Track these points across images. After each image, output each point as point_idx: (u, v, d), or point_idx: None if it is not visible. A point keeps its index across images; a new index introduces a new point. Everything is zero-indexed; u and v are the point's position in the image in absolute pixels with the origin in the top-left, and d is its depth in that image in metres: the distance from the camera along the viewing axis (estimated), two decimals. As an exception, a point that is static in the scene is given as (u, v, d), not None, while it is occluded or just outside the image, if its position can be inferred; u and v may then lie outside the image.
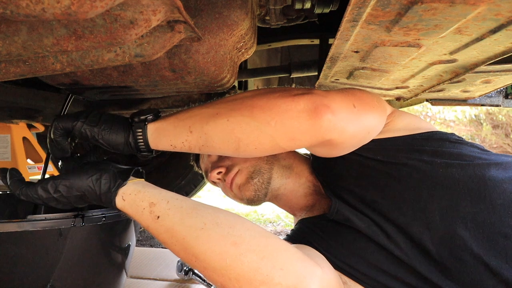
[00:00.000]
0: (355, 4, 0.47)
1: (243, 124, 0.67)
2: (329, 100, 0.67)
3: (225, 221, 0.62)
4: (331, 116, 0.65)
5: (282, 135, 0.67)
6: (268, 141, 0.68)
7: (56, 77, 0.71)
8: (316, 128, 0.66)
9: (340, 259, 0.73)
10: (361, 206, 0.75)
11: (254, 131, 0.67)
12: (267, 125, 0.66)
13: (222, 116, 0.68)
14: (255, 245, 0.58)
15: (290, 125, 0.66)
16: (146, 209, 0.65)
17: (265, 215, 3.08)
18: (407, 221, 0.70)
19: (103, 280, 0.82)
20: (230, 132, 0.68)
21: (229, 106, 0.69)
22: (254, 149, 0.69)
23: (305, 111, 0.65)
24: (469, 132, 6.09)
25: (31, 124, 1.93)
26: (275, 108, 0.66)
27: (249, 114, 0.67)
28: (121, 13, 0.41)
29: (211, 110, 0.70)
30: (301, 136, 0.68)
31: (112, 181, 0.68)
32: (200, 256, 0.59)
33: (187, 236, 0.61)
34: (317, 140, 0.69)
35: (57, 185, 0.68)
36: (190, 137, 0.70)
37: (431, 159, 0.74)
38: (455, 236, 0.65)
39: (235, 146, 0.69)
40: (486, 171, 0.70)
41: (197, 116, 0.71)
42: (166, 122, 0.73)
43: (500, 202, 0.65)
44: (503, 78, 0.86)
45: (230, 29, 0.64)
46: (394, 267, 0.69)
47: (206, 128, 0.69)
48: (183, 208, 0.64)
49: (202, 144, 0.71)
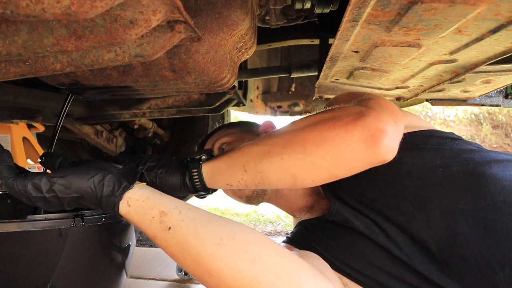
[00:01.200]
0: (355, 4, 0.47)
1: (298, 161, 0.66)
2: (382, 122, 0.64)
3: (242, 236, 0.59)
4: (387, 141, 0.64)
5: (339, 167, 0.66)
6: (325, 174, 0.67)
7: (56, 77, 0.71)
8: (375, 155, 0.65)
9: (341, 261, 0.73)
10: (360, 206, 0.75)
11: (310, 167, 0.66)
12: (322, 160, 0.65)
13: (275, 154, 0.67)
14: (272, 264, 0.56)
15: (347, 157, 0.65)
16: (155, 218, 0.60)
17: (265, 215, 3.08)
18: (407, 220, 0.70)
19: (103, 280, 0.82)
20: (285, 169, 0.67)
21: (280, 142, 0.68)
22: (311, 182, 0.69)
23: (361, 141, 0.63)
24: (469, 132, 6.09)
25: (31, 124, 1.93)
26: (329, 141, 0.64)
27: (302, 151, 0.65)
28: (121, 13, 0.41)
29: (263, 148, 0.69)
30: (359, 165, 0.67)
31: (117, 183, 0.62)
32: (214, 273, 0.56)
33: (201, 251, 0.57)
34: (374, 165, 0.68)
35: (52, 183, 0.61)
36: (246, 176, 0.70)
37: (431, 157, 0.74)
38: (455, 234, 0.65)
39: (292, 182, 0.69)
40: (487, 168, 0.70)
41: (250, 155, 0.70)
42: (220, 161, 0.73)
43: (501, 199, 0.66)
44: (503, 78, 0.86)
45: (230, 29, 0.64)
46: (394, 267, 0.69)
47: (260, 167, 0.68)
48: (196, 220, 0.60)
49: (259, 182, 0.70)
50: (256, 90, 2.07)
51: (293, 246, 0.83)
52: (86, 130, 1.79)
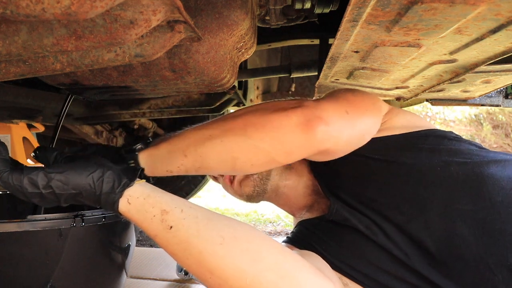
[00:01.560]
0: (355, 4, 0.47)
1: (238, 143, 0.67)
2: (321, 110, 0.67)
3: (243, 236, 0.59)
4: (324, 127, 0.66)
5: (278, 150, 0.68)
6: (264, 157, 0.68)
7: (56, 77, 0.71)
8: (311, 140, 0.67)
9: (341, 260, 0.73)
10: (359, 205, 0.75)
11: (250, 149, 0.67)
12: (262, 142, 0.67)
13: (215, 137, 0.68)
14: (273, 263, 0.56)
15: (285, 140, 0.67)
16: (157, 217, 0.58)
17: (265, 215, 3.08)
18: (406, 220, 0.70)
19: (103, 280, 0.82)
20: (225, 152, 0.68)
21: (221, 126, 0.70)
22: (251, 166, 0.70)
23: (298, 125, 0.66)
24: (469, 132, 6.09)
25: (31, 124, 1.93)
26: (268, 124, 0.67)
27: (243, 133, 0.67)
28: (121, 13, 0.41)
29: (204, 132, 0.70)
30: (297, 150, 0.68)
31: (117, 180, 0.60)
32: (216, 272, 0.56)
33: (203, 251, 0.56)
34: (313, 152, 0.70)
35: (49, 179, 0.58)
36: (185, 161, 0.70)
37: (430, 157, 0.74)
38: (454, 234, 0.66)
39: (231, 165, 0.70)
40: (485, 168, 0.70)
41: (190, 139, 0.71)
42: (158, 149, 0.73)
43: (500, 199, 0.66)
44: (503, 78, 0.86)
45: (230, 29, 0.64)
46: (393, 267, 0.69)
47: (200, 151, 0.69)
48: (198, 218, 0.59)
49: (199, 166, 0.71)
50: (256, 90, 2.07)
51: (294, 245, 0.83)
52: (86, 130, 1.79)
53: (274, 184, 0.92)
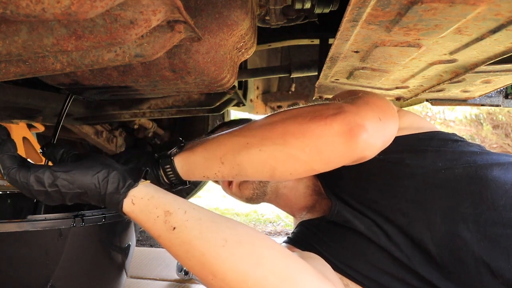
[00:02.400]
0: (355, 4, 0.47)
1: (277, 152, 0.66)
2: (361, 118, 0.65)
3: (247, 239, 0.58)
4: (366, 136, 0.64)
5: (318, 160, 0.66)
6: (303, 167, 0.67)
7: (56, 77, 0.71)
8: (352, 150, 0.65)
9: (341, 261, 0.73)
10: (361, 207, 0.75)
11: (289, 159, 0.66)
12: (301, 152, 0.65)
13: (253, 146, 0.67)
14: (276, 267, 0.56)
15: (325, 150, 0.65)
16: (160, 218, 0.59)
17: (265, 215, 3.08)
18: (408, 222, 0.69)
19: (103, 280, 0.82)
20: (264, 161, 0.67)
21: (259, 134, 0.68)
22: (289, 175, 0.68)
23: (340, 135, 0.64)
24: (469, 132, 6.09)
25: (31, 124, 1.92)
26: (308, 133, 0.64)
27: (282, 142, 0.65)
28: (121, 13, 0.41)
29: (241, 139, 0.69)
30: (336, 159, 0.67)
31: (122, 180, 0.60)
32: (219, 275, 0.56)
33: (206, 253, 0.56)
34: (352, 160, 0.68)
35: (55, 178, 0.59)
36: (222, 168, 0.69)
37: (434, 159, 0.74)
38: (456, 237, 0.65)
39: (270, 174, 0.68)
40: (488, 171, 0.69)
41: (226, 146, 0.69)
42: (194, 154, 0.72)
43: (502, 203, 0.65)
44: (503, 78, 0.86)
45: (230, 29, 0.64)
46: (394, 268, 0.69)
47: (238, 159, 0.68)
48: (202, 220, 0.59)
49: (236, 174, 0.70)
50: (256, 90, 2.07)
51: (294, 246, 0.83)
52: (86, 130, 1.79)
53: (273, 186, 0.92)
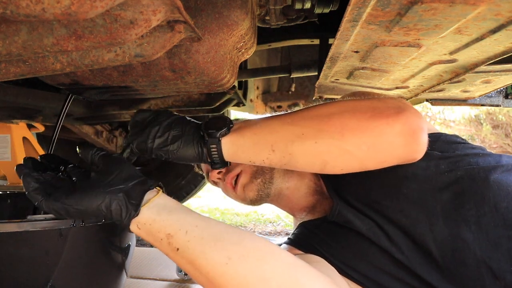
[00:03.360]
0: (355, 4, 0.47)
1: (333, 147, 0.64)
2: (421, 120, 0.64)
3: (252, 253, 0.57)
4: (425, 138, 0.64)
5: (373, 159, 0.65)
6: (356, 164, 0.66)
7: (56, 77, 0.71)
8: (411, 151, 0.64)
9: (342, 262, 0.73)
10: (363, 207, 0.75)
11: (344, 154, 0.64)
12: (358, 149, 0.63)
13: (309, 137, 0.65)
14: (283, 280, 0.55)
15: (383, 149, 0.64)
16: (164, 240, 0.60)
17: (265, 215, 3.08)
18: (410, 223, 0.69)
19: (103, 280, 0.82)
20: (317, 154, 0.65)
21: (315, 125, 0.65)
22: (340, 170, 0.67)
23: (401, 136, 0.62)
24: (469, 132, 6.09)
25: (31, 124, 1.92)
26: (368, 131, 0.63)
27: (339, 137, 0.63)
28: (121, 13, 0.41)
29: (295, 129, 0.66)
30: (392, 159, 0.66)
31: (124, 209, 0.62)
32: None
33: (211, 272, 0.56)
34: (405, 161, 0.67)
35: (68, 210, 0.62)
36: (272, 156, 0.67)
37: (437, 161, 0.73)
38: (458, 238, 0.65)
39: (320, 168, 0.67)
40: (491, 174, 0.69)
41: (279, 134, 0.67)
42: (244, 137, 0.69)
43: (505, 205, 0.65)
44: (503, 78, 0.86)
45: (230, 29, 0.64)
46: (395, 270, 0.69)
47: (291, 149, 0.66)
48: (204, 239, 0.59)
49: (285, 163, 0.68)
50: (256, 90, 2.07)
51: (295, 247, 0.83)
52: (86, 130, 1.79)
53: (277, 188, 0.91)
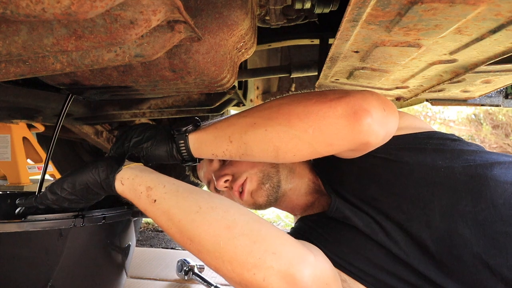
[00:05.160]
0: (355, 4, 0.47)
1: (281, 133, 0.68)
2: (367, 103, 0.66)
3: (220, 206, 0.63)
4: (370, 120, 0.65)
5: (321, 141, 0.67)
6: (307, 148, 0.68)
7: (56, 77, 0.71)
8: (356, 132, 0.66)
9: (340, 257, 0.73)
10: (360, 203, 0.75)
11: (293, 139, 0.67)
12: (305, 133, 0.66)
13: (260, 125, 0.69)
14: (248, 229, 0.60)
15: (328, 131, 0.66)
16: (143, 193, 0.67)
17: (265, 215, 3.08)
18: (407, 219, 0.70)
19: (103, 280, 0.82)
20: (268, 141, 0.69)
21: (266, 115, 0.70)
22: (293, 156, 0.70)
23: (343, 117, 0.65)
24: (469, 132, 6.10)
25: (31, 124, 1.93)
26: (312, 115, 0.66)
27: (286, 123, 0.67)
28: (121, 13, 0.41)
29: (248, 120, 0.72)
30: (339, 142, 0.68)
31: (109, 167, 0.70)
32: (195, 239, 0.61)
33: (182, 219, 0.62)
34: (355, 144, 0.69)
35: (61, 184, 0.71)
36: (230, 147, 0.72)
37: (433, 157, 0.74)
38: (455, 234, 0.66)
39: (274, 154, 0.70)
40: (488, 170, 0.70)
41: (235, 126, 0.72)
42: (206, 133, 0.75)
43: (501, 201, 0.66)
44: (503, 78, 0.86)
45: (230, 29, 0.64)
46: (393, 265, 0.70)
47: (245, 138, 0.70)
48: (179, 192, 0.66)
49: (242, 153, 0.72)
50: (256, 90, 2.07)
51: None
52: (86, 130, 1.79)
53: (283, 190, 0.92)
